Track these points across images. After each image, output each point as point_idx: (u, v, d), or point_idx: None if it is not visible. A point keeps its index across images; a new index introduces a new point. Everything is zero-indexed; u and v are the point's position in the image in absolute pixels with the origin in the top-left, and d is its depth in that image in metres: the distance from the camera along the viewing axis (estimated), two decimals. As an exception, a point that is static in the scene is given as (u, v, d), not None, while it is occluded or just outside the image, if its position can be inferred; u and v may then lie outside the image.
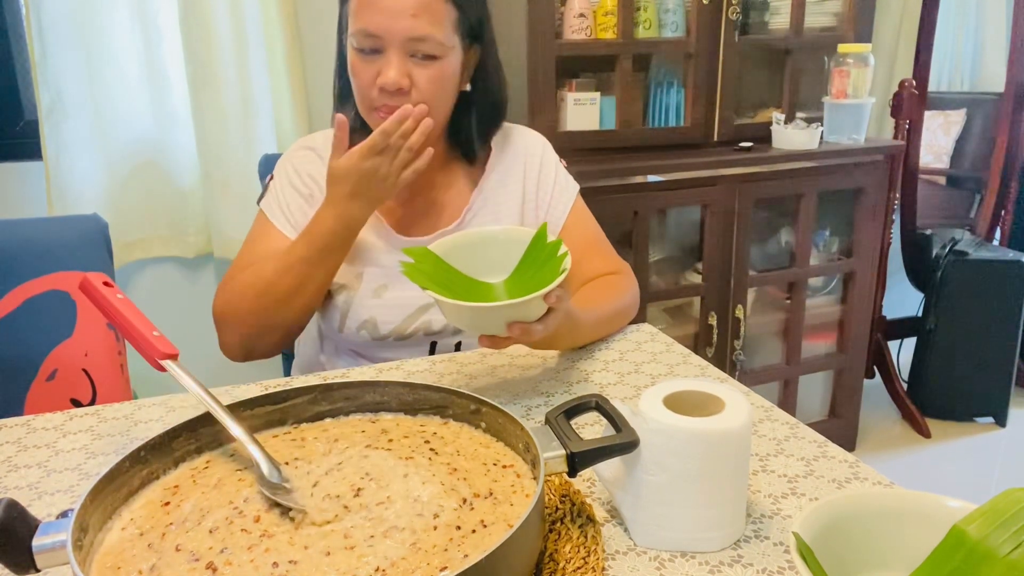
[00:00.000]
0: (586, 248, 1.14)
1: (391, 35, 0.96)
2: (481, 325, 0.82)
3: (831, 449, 0.77)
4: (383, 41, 0.97)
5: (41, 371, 1.24)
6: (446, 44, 0.99)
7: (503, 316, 0.79)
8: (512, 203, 1.14)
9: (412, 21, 0.96)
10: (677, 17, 1.95)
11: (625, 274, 1.15)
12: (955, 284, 2.42)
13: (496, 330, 0.81)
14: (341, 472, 0.63)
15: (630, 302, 1.11)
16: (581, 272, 1.12)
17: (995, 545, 0.49)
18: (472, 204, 1.12)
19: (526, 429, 0.62)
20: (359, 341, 1.09)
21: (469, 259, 0.90)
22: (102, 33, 1.73)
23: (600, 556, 0.60)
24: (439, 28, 0.98)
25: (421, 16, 0.96)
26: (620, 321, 1.10)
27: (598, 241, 1.17)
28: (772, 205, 2.14)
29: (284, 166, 1.12)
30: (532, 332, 0.81)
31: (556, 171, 1.17)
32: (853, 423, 2.33)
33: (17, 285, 1.23)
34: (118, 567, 0.52)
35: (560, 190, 1.16)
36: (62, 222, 1.31)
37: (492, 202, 1.13)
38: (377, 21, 0.96)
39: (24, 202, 1.82)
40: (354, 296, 1.08)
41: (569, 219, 1.15)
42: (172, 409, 0.89)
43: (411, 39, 0.96)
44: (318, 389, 0.73)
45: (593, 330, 1.04)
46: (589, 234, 1.17)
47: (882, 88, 2.50)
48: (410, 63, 0.98)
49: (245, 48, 1.82)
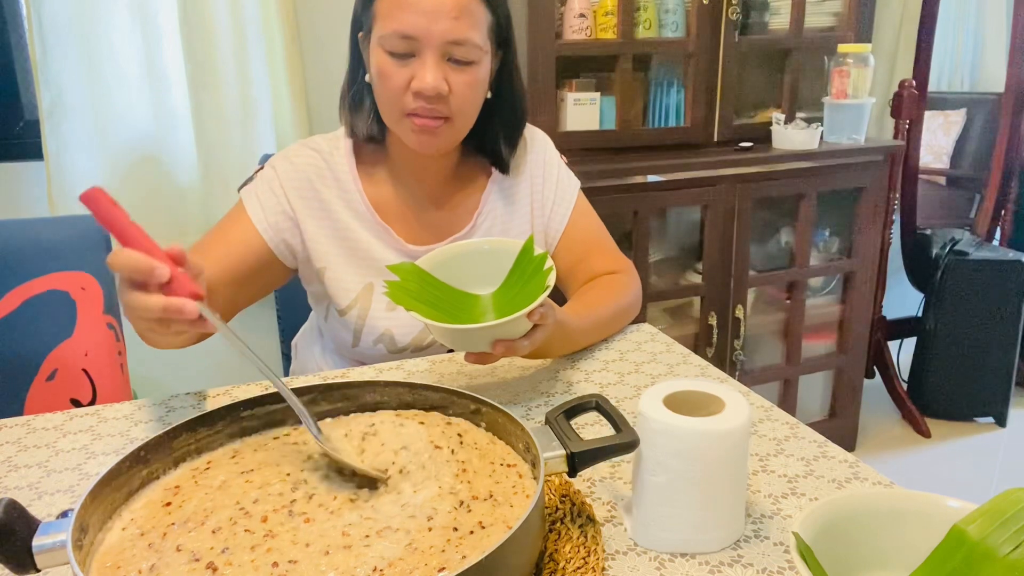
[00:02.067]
0: (589, 247, 1.13)
1: (429, 37, 0.92)
2: (467, 344, 0.83)
3: (831, 449, 0.77)
4: (419, 44, 0.92)
5: (41, 371, 1.24)
6: (483, 48, 0.96)
7: (488, 336, 0.81)
8: (522, 202, 1.12)
9: (452, 23, 0.92)
10: (677, 17, 1.95)
11: (627, 272, 1.13)
12: (955, 284, 2.42)
13: (482, 347, 0.82)
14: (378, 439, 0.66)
15: (631, 301, 1.10)
16: (583, 271, 1.12)
17: (995, 545, 0.49)
18: (483, 207, 1.10)
19: (526, 429, 0.62)
20: (374, 354, 1.07)
21: (457, 272, 0.90)
22: (102, 33, 1.73)
23: (600, 556, 0.60)
24: (478, 32, 0.95)
25: (462, 18, 0.92)
26: (621, 321, 1.09)
27: (600, 239, 1.16)
28: (772, 205, 2.14)
29: (280, 163, 1.05)
30: (517, 349, 0.82)
31: (559, 169, 1.15)
32: (853, 423, 2.34)
33: (17, 285, 1.23)
34: (118, 567, 0.52)
35: (563, 189, 1.14)
36: (62, 222, 1.31)
37: (503, 203, 1.11)
38: (414, 22, 0.91)
39: (24, 202, 1.82)
40: (368, 311, 1.04)
41: (572, 218, 1.14)
42: (172, 409, 0.89)
43: (450, 42, 0.92)
44: (318, 389, 0.73)
45: (592, 333, 1.04)
46: (592, 232, 1.15)
47: (882, 88, 2.50)
48: (446, 67, 0.94)
49: (245, 48, 1.82)
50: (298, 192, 1.03)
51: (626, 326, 1.11)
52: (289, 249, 1.04)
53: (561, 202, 1.14)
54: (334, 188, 1.04)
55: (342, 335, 1.08)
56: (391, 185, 1.08)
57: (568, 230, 1.14)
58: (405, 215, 1.07)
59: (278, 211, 1.02)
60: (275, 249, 1.02)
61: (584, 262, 1.12)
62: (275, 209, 1.02)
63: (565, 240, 1.14)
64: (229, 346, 0.65)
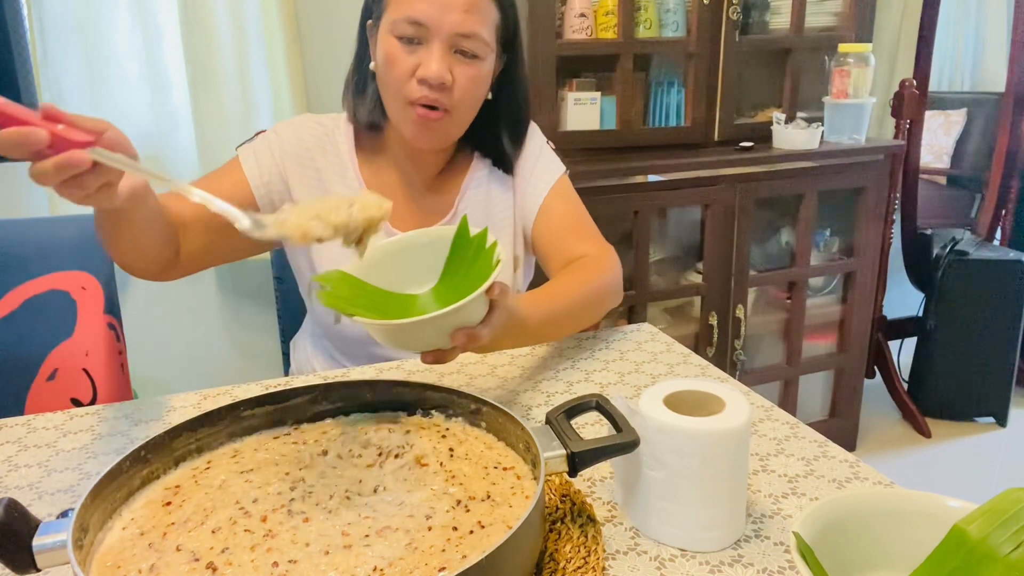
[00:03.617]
0: (566, 229, 1.10)
1: (439, 27, 0.94)
2: (421, 342, 0.73)
3: (831, 449, 0.77)
4: (429, 32, 0.94)
5: (41, 371, 1.24)
6: (489, 45, 0.98)
7: (443, 326, 0.70)
8: (503, 187, 1.12)
9: (463, 16, 0.94)
10: (677, 17, 1.95)
11: (603, 255, 1.07)
12: (955, 284, 2.42)
13: (438, 343, 0.72)
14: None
15: (604, 285, 1.03)
16: (558, 254, 1.09)
17: (995, 545, 0.49)
18: (463, 193, 1.11)
19: (526, 429, 0.62)
20: (356, 335, 1.08)
21: (395, 272, 0.80)
22: (102, 33, 1.73)
23: (600, 556, 0.60)
24: (486, 28, 0.97)
25: (472, 12, 0.94)
26: (595, 306, 1.02)
27: (579, 223, 1.12)
28: (772, 205, 2.14)
29: (283, 128, 1.06)
30: (479, 336, 0.73)
31: (540, 151, 1.14)
32: (853, 423, 2.33)
33: (17, 285, 1.23)
34: (118, 566, 0.52)
35: (542, 169, 1.13)
36: (62, 222, 1.31)
37: (485, 189, 1.12)
38: (425, 10, 0.93)
39: (25, 202, 1.82)
40: None
41: (548, 197, 1.11)
42: (172, 409, 0.89)
43: (459, 34, 0.94)
44: (318, 389, 0.73)
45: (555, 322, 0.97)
46: (570, 215, 1.12)
47: (882, 88, 2.50)
48: (452, 59, 0.96)
49: (245, 48, 1.82)
50: (296, 159, 1.05)
51: (606, 308, 1.05)
52: (273, 207, 1.04)
53: (539, 182, 1.12)
54: (332, 161, 1.07)
55: (321, 314, 1.08)
56: (385, 169, 1.10)
57: (543, 211, 1.11)
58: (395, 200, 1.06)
59: (273, 172, 1.04)
60: (261, 207, 1.04)
61: (559, 245, 1.09)
62: (270, 169, 1.04)
63: (541, 221, 1.11)
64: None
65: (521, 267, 1.16)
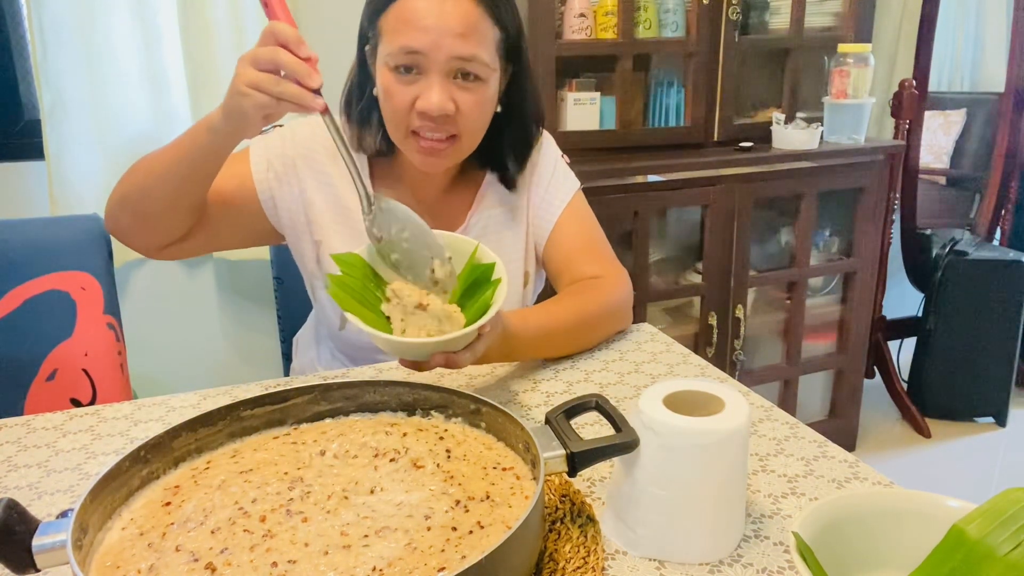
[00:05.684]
0: (578, 250, 1.10)
1: (436, 54, 0.89)
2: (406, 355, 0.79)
3: (831, 449, 0.77)
4: (427, 59, 0.90)
5: (41, 371, 1.24)
6: (491, 66, 0.94)
7: (429, 349, 0.76)
8: (517, 202, 1.11)
9: (460, 40, 0.89)
10: (677, 17, 1.95)
11: (612, 278, 1.07)
12: (955, 284, 2.42)
13: (422, 358, 0.78)
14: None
15: (606, 307, 1.03)
16: (569, 274, 1.09)
17: (995, 545, 0.49)
18: (477, 206, 1.09)
19: (526, 429, 0.62)
20: (360, 343, 1.08)
21: None
22: (102, 33, 1.73)
23: (600, 556, 0.60)
24: (485, 49, 0.92)
25: (469, 35, 0.90)
26: (597, 329, 1.03)
27: (592, 244, 1.11)
28: (772, 205, 2.14)
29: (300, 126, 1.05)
30: (457, 361, 0.77)
31: (555, 166, 1.13)
32: (853, 423, 2.34)
33: (17, 285, 1.23)
34: (117, 566, 0.52)
35: (556, 186, 1.12)
36: (62, 222, 1.31)
37: (500, 201, 1.10)
38: (420, 38, 0.89)
39: (25, 202, 1.82)
40: None
41: (563, 217, 1.10)
42: (172, 409, 0.89)
43: (457, 58, 0.90)
44: (318, 389, 0.73)
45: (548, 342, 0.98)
46: (583, 234, 1.12)
47: (882, 88, 2.50)
48: (452, 86, 0.92)
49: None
50: (308, 159, 1.04)
51: (612, 332, 1.07)
52: (274, 202, 1.03)
53: (554, 199, 1.11)
54: (343, 169, 1.04)
55: (329, 315, 1.08)
56: (395, 183, 1.08)
57: (557, 230, 1.10)
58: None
59: (281, 167, 1.03)
60: (261, 200, 1.03)
61: (570, 265, 1.09)
62: (279, 164, 1.03)
63: (553, 240, 1.11)
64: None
65: (531, 283, 1.15)
